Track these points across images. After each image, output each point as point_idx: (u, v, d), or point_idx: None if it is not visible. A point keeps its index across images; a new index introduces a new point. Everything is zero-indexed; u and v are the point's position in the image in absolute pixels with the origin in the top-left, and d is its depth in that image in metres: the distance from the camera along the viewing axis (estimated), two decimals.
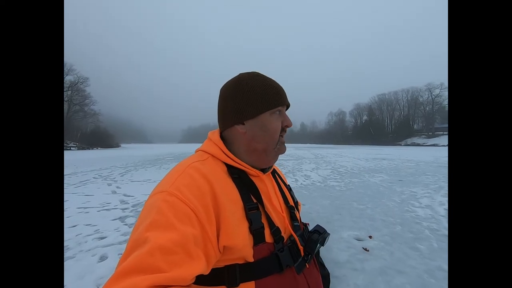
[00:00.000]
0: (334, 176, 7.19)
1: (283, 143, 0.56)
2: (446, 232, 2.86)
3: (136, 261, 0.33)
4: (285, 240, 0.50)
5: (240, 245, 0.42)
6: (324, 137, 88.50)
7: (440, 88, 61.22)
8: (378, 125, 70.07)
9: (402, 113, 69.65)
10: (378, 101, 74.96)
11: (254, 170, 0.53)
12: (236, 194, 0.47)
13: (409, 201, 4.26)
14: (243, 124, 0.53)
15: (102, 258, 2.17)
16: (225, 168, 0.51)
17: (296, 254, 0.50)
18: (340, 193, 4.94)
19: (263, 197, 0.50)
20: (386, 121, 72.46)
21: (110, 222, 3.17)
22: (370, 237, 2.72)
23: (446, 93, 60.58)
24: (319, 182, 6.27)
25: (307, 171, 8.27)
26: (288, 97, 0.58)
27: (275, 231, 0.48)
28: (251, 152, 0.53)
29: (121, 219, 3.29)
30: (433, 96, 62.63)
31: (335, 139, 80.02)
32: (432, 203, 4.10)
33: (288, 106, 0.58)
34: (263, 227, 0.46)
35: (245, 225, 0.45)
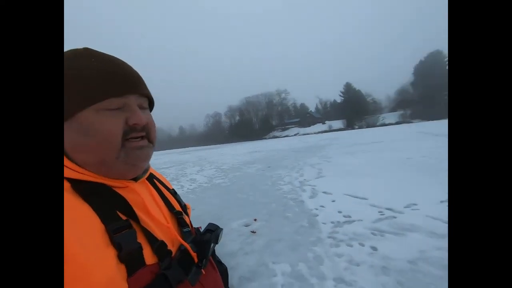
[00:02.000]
0: (219, 174, 7.55)
1: (138, 147, 0.40)
2: (301, 198, 3.85)
3: None
4: (173, 254, 0.42)
5: (103, 282, 0.30)
6: (204, 139, 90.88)
7: (284, 93, 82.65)
8: (248, 124, 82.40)
9: (264, 113, 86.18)
10: (246, 103, 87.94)
11: (117, 180, 0.40)
12: (89, 216, 0.33)
13: (277, 182, 5.33)
14: None
15: None
16: (67, 185, 0.35)
17: (189, 264, 0.44)
18: (226, 189, 5.27)
19: (136, 210, 0.39)
20: (254, 120, 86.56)
21: None
22: (255, 220, 3.11)
23: (288, 97, 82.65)
24: (205, 183, 6.33)
25: (192, 175, 8.09)
26: (157, 100, 0.45)
27: (159, 246, 0.39)
28: (85, 165, 0.37)
29: None
30: (281, 99, 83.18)
31: (214, 139, 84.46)
32: (291, 180, 5.37)
33: (146, 96, 0.43)
34: (140, 247, 0.36)
35: (109, 253, 0.32)
